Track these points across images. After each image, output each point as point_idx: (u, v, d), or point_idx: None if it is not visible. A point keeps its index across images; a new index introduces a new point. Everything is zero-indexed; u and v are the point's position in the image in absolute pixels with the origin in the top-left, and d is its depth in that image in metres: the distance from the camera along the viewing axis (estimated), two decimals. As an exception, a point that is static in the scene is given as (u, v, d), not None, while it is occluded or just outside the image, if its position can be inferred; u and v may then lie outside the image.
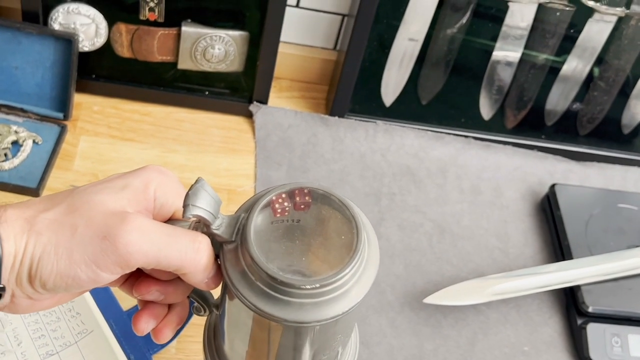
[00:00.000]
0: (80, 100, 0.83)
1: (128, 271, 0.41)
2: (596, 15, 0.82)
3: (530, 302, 0.76)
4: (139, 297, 0.46)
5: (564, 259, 0.78)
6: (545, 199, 0.84)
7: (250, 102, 0.86)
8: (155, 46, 0.80)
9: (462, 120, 0.90)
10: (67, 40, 0.77)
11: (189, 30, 0.80)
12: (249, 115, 0.86)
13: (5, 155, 0.75)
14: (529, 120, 0.90)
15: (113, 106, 0.84)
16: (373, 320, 0.72)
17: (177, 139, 0.83)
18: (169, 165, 0.80)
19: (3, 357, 0.61)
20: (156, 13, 0.78)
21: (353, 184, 0.83)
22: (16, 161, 0.75)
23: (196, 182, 0.41)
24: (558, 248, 0.80)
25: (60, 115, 0.79)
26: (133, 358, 0.63)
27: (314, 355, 0.45)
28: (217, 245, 0.43)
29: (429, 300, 0.72)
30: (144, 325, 0.46)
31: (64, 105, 0.79)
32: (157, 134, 0.83)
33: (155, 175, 0.44)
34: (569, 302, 0.76)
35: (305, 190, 0.43)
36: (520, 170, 0.89)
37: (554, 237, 0.81)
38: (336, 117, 0.87)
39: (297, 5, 0.86)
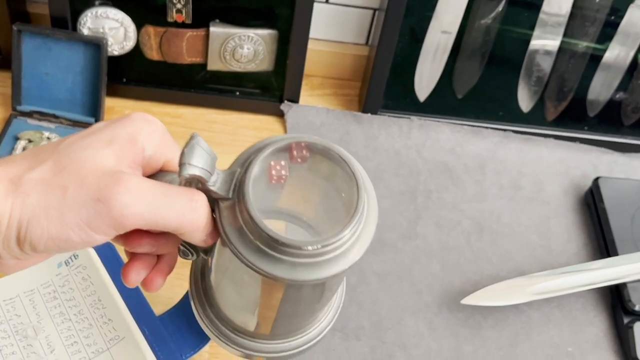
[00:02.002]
0: (112, 105, 0.83)
1: (122, 232, 0.39)
2: (638, 1, 0.78)
3: (574, 301, 0.74)
4: (130, 250, 0.44)
5: (609, 256, 0.75)
6: (589, 193, 0.81)
7: (281, 101, 0.85)
8: (184, 48, 0.80)
9: (499, 113, 0.87)
10: (96, 44, 0.77)
11: (217, 30, 0.79)
12: (281, 115, 0.85)
13: (38, 161, 0.75)
14: (570, 111, 0.87)
15: (145, 109, 0.84)
16: (410, 321, 0.70)
17: (208, 140, 0.80)
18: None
19: (37, 365, 0.61)
20: (183, 14, 0.78)
21: (387, 182, 0.81)
22: (48, 167, 0.75)
23: (191, 138, 0.39)
24: (603, 244, 0.77)
25: (92, 120, 0.79)
26: (165, 363, 0.62)
27: (309, 305, 0.45)
28: (213, 201, 0.41)
29: (468, 300, 0.69)
30: (135, 277, 0.45)
31: (95, 110, 0.79)
32: (188, 136, 0.81)
33: (143, 124, 0.41)
34: (615, 300, 0.73)
35: (303, 144, 0.41)
36: (562, 164, 0.86)
37: (599, 232, 0.78)
38: (369, 114, 0.85)
39: (326, 1, 0.84)
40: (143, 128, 0.41)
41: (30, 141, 0.76)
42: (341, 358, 0.66)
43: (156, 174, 0.43)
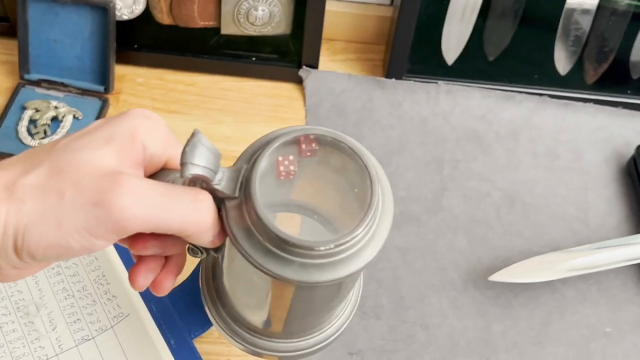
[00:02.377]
0: (124, 72, 0.79)
1: (124, 237, 0.37)
2: (688, -50, 0.72)
3: (613, 277, 0.68)
4: (136, 252, 0.42)
5: (652, 229, 0.69)
6: (632, 162, 0.75)
7: (299, 66, 0.80)
8: (195, 11, 0.76)
9: (535, 76, 0.81)
10: (103, 9, 0.73)
11: (229, -9, 0.74)
12: (299, 81, 0.80)
13: (45, 132, 0.73)
14: (611, 73, 0.80)
15: (158, 77, 0.80)
16: (433, 299, 0.65)
17: (222, 109, 0.78)
18: (215, 137, 0.75)
19: (38, 342, 0.59)
20: (194, -25, 0.74)
21: (412, 151, 0.76)
22: (55, 138, 0.72)
23: (192, 135, 0.36)
24: (646, 217, 0.71)
25: (102, 88, 0.76)
26: (173, 342, 0.59)
27: (324, 304, 0.43)
28: (219, 200, 0.38)
29: (496, 277, 0.64)
30: (143, 281, 0.43)
31: (104, 78, 0.76)
32: (202, 105, 0.78)
33: (142, 121, 0.39)
34: (659, 277, 0.67)
35: (312, 137, 0.38)
36: (603, 131, 0.79)
37: (642, 204, 0.72)
38: (393, 79, 0.80)
39: (347, -41, 0.79)
40: (143, 124, 0.39)
41: (37, 110, 0.74)
42: (358, 338, 0.62)
43: (158, 173, 0.40)
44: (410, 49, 0.78)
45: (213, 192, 0.38)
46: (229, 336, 0.48)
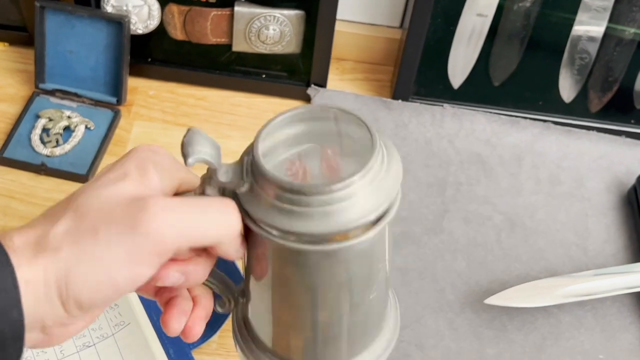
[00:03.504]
0: (136, 85, 0.81)
1: (166, 259, 0.37)
2: (693, -16, 0.72)
3: (609, 305, 0.69)
4: (160, 284, 0.41)
5: (650, 259, 0.70)
6: (632, 191, 0.76)
7: (308, 85, 0.82)
8: (208, 28, 0.77)
9: (539, 103, 0.82)
10: (118, 22, 0.75)
11: (242, 10, 0.76)
12: (307, 99, 0.82)
13: (57, 141, 0.74)
14: (615, 102, 0.81)
15: (169, 90, 0.82)
16: (430, 320, 0.66)
17: (231, 124, 0.80)
18: (223, 151, 0.76)
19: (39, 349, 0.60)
20: (208, -8, 0.75)
21: (416, 172, 0.77)
22: (67, 147, 0.74)
23: (188, 130, 0.37)
24: (644, 246, 0.72)
25: (114, 99, 0.78)
26: (172, 352, 0.61)
27: (360, 291, 0.43)
28: (230, 195, 0.39)
29: (493, 300, 0.65)
30: (176, 325, 0.43)
31: (117, 90, 0.78)
32: (211, 119, 0.80)
33: (149, 155, 0.40)
34: (655, 307, 0.68)
35: (330, 152, 0.40)
36: (605, 159, 0.80)
37: (640, 233, 0.73)
38: (400, 101, 0.82)
39: (358, -19, 0.81)
40: (150, 158, 0.40)
41: (50, 119, 0.75)
42: (354, 355, 0.63)
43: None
44: (417, 72, 0.79)
45: (223, 187, 0.39)
46: None
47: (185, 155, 0.36)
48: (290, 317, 0.44)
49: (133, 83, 0.80)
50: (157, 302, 0.46)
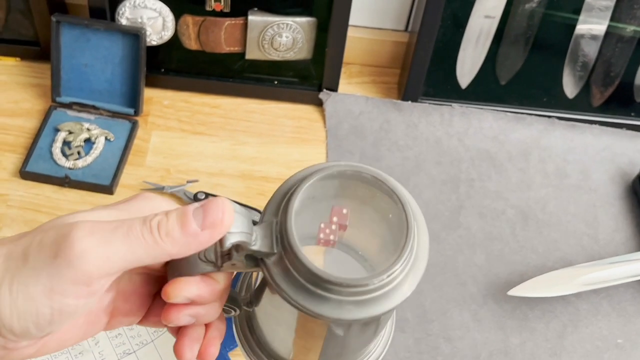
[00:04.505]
0: (151, 95, 0.82)
1: (95, 289, 0.35)
2: (689, -19, 0.76)
3: (623, 291, 0.72)
4: (169, 324, 0.40)
5: (659, 245, 0.73)
6: (637, 181, 0.79)
7: (320, 90, 0.84)
8: (222, 37, 0.79)
9: (544, 99, 0.85)
10: (135, 35, 0.76)
11: (255, 19, 0.78)
12: (319, 104, 0.84)
13: (79, 153, 0.75)
14: (616, 97, 0.84)
15: (183, 100, 0.83)
16: (455, 313, 0.69)
17: (247, 130, 0.81)
18: (240, 158, 0.78)
19: (81, 357, 0.61)
20: (222, 3, 0.77)
21: (429, 171, 0.79)
22: (89, 159, 0.75)
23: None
24: (653, 233, 0.75)
25: (131, 111, 0.79)
26: (209, 356, 0.62)
27: (366, 339, 0.44)
28: (255, 260, 0.39)
29: (515, 292, 0.68)
30: (189, 354, 0.41)
31: (134, 101, 0.79)
32: (227, 127, 0.81)
33: (145, 203, 0.39)
34: (667, 291, 0.71)
35: (344, 212, 0.39)
36: (608, 151, 0.83)
37: (648, 221, 0.76)
38: (409, 102, 0.84)
39: (365, -13, 0.83)
40: (146, 206, 0.39)
41: (70, 132, 0.76)
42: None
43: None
44: (426, 73, 0.82)
45: (251, 254, 0.38)
46: None
47: (222, 240, 0.36)
48: (288, 343, 0.45)
49: (147, 93, 0.81)
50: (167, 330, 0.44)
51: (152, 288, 0.42)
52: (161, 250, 0.35)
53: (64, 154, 0.75)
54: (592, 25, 0.79)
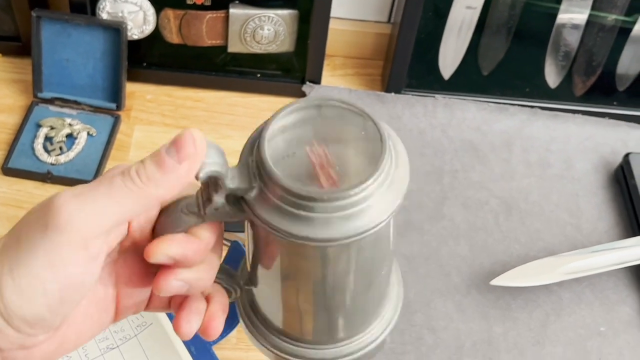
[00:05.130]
0: (133, 90, 0.82)
1: (94, 252, 0.35)
2: (669, -30, 0.76)
3: (605, 280, 0.72)
4: (161, 293, 0.39)
5: (641, 233, 0.74)
6: (620, 170, 0.79)
7: (303, 82, 0.83)
8: (204, 30, 0.79)
9: (526, 89, 0.85)
10: (116, 29, 0.76)
11: (237, 12, 0.77)
12: (303, 96, 0.84)
13: (61, 148, 0.75)
14: (599, 86, 0.85)
15: (166, 94, 0.83)
16: (438, 304, 0.69)
17: (230, 124, 0.81)
18: (224, 152, 0.78)
19: (65, 352, 0.61)
20: (203, -4, 0.77)
21: (412, 162, 0.78)
22: (71, 154, 0.75)
23: None
24: (634, 221, 0.75)
25: (114, 105, 0.79)
26: (194, 349, 0.62)
27: (370, 273, 0.43)
28: (237, 201, 0.38)
29: (497, 281, 0.68)
30: (187, 326, 0.41)
31: (116, 96, 0.79)
32: (210, 120, 0.81)
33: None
34: (649, 279, 0.71)
35: (332, 174, 0.38)
36: (591, 140, 0.84)
37: (630, 210, 0.76)
38: (392, 94, 0.84)
39: (347, -21, 0.83)
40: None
41: (52, 128, 0.76)
42: (369, 341, 0.66)
43: (167, 211, 0.39)
44: (408, 65, 0.82)
45: (232, 194, 0.37)
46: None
47: (197, 173, 0.35)
48: (302, 302, 0.43)
49: (130, 88, 0.81)
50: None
51: (150, 267, 0.40)
52: (146, 195, 0.35)
53: (46, 150, 0.75)
54: (573, 15, 0.79)
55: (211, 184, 0.37)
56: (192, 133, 0.36)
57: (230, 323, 0.64)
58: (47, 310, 0.34)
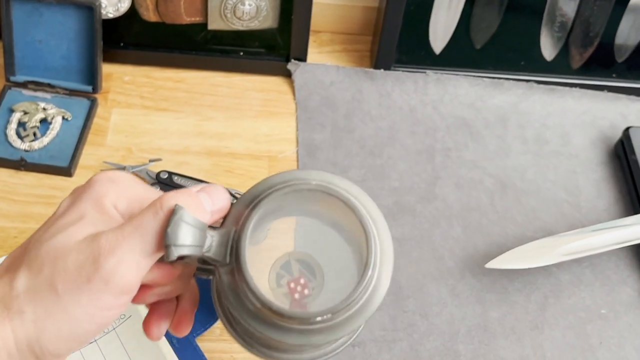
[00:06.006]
0: (111, 71, 0.79)
1: (136, 290, 0.37)
2: None
3: (606, 260, 0.69)
4: (141, 303, 0.42)
5: (643, 211, 0.71)
6: (619, 144, 0.76)
7: (288, 60, 0.80)
8: (182, 7, 0.75)
9: (521, 63, 0.82)
10: (89, 7, 0.72)
11: (216, -14, 0.74)
12: (288, 75, 0.80)
13: (34, 134, 0.72)
14: (596, 58, 0.81)
15: (145, 75, 0.80)
16: (432, 289, 0.66)
17: (213, 105, 0.78)
18: (207, 134, 0.75)
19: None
20: (179, -29, 0.73)
21: (403, 141, 0.76)
22: (45, 140, 0.71)
23: (174, 213, 0.35)
24: (635, 198, 0.72)
25: (89, 88, 0.75)
26: (176, 342, 0.60)
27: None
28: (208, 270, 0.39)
29: (493, 264, 0.65)
30: (156, 330, 0.43)
31: (92, 78, 0.75)
32: (192, 102, 0.78)
33: (108, 187, 0.38)
34: (651, 258, 0.68)
35: (302, 281, 0.40)
36: (589, 114, 0.80)
37: (630, 186, 0.73)
38: (382, 70, 0.81)
39: (332, -50, 0.79)
40: (108, 190, 0.38)
41: (25, 113, 0.73)
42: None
43: None
44: (398, 40, 0.78)
45: (204, 261, 0.38)
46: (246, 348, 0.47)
47: (166, 247, 0.35)
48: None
49: (107, 69, 0.78)
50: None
51: None
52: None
53: (19, 136, 0.72)
54: (569, -17, 0.76)
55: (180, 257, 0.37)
56: (224, 192, 0.39)
57: (214, 314, 0.62)
58: (78, 345, 0.37)
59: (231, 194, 0.39)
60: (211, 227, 0.38)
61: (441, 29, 0.79)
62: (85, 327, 0.36)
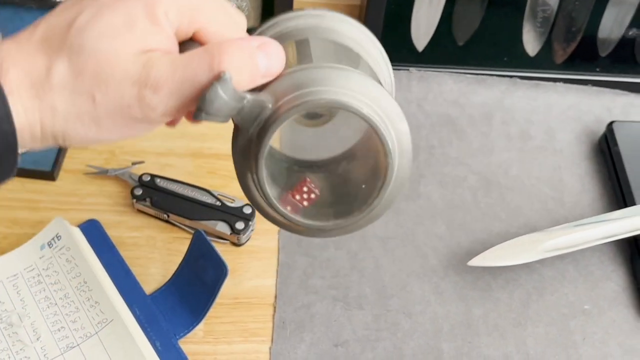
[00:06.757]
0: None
1: (163, 124, 0.38)
2: None
3: (589, 255, 0.69)
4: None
5: (626, 206, 0.70)
6: (603, 139, 0.76)
7: (270, 60, 0.80)
8: (163, 9, 0.75)
9: (505, 59, 0.82)
10: (69, 11, 0.72)
11: (196, -12, 0.74)
12: (271, 76, 0.80)
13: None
14: (580, 52, 0.81)
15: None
16: (415, 287, 0.66)
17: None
18: (190, 135, 0.75)
19: (23, 353, 0.59)
20: (159, -27, 0.73)
21: (387, 139, 0.76)
22: (28, 144, 0.71)
23: (220, 80, 0.34)
24: (619, 193, 0.72)
25: (72, 91, 0.75)
26: (159, 344, 0.60)
27: None
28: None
29: (475, 262, 0.65)
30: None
31: (74, 81, 0.75)
32: (175, 103, 0.78)
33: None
34: (634, 252, 0.68)
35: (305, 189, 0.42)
36: (573, 109, 0.80)
37: (614, 181, 0.73)
38: (365, 68, 0.81)
39: (313, -51, 0.79)
40: None
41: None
42: (343, 329, 0.63)
43: (184, 44, 0.38)
44: (380, 37, 0.78)
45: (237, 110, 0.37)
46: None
47: (197, 110, 0.34)
48: None
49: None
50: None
51: None
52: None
53: (1, 141, 0.72)
54: (550, -22, 0.76)
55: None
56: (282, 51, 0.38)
57: (197, 315, 0.62)
58: (100, 144, 0.46)
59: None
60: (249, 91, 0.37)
61: (423, 26, 0.79)
62: (112, 138, 0.37)
